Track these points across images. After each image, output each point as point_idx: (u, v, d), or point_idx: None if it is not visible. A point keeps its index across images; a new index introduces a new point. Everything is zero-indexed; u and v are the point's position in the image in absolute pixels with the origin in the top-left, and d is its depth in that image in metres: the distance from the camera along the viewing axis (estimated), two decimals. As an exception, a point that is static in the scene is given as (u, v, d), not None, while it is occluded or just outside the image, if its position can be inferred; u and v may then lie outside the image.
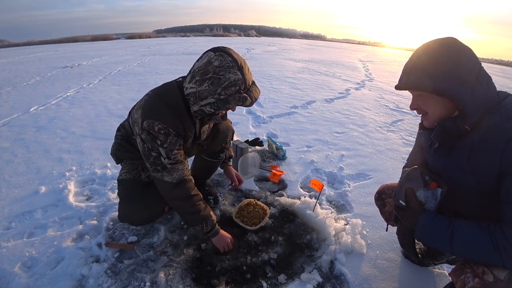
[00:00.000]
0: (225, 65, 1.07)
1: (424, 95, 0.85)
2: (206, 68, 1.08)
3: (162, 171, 1.19)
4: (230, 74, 1.07)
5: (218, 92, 1.08)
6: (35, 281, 1.20)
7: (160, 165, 1.18)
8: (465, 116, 0.80)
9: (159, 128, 1.14)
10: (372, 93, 5.07)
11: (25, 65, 8.09)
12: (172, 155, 1.19)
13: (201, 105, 1.13)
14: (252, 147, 2.43)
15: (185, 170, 1.24)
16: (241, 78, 1.08)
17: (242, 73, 1.09)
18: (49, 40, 22.22)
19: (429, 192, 0.88)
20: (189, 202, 1.24)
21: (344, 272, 1.28)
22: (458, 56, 0.79)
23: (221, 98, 1.09)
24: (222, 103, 1.09)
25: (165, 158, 1.18)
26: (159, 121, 1.14)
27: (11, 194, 1.82)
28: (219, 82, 1.07)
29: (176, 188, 1.21)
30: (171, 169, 1.19)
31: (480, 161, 0.79)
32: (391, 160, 2.40)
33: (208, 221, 1.30)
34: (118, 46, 14.30)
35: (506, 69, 14.75)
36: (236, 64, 1.08)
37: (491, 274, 0.75)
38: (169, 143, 1.17)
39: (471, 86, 0.78)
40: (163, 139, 1.16)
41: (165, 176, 1.20)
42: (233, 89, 1.08)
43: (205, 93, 1.10)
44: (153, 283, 1.19)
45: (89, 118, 3.27)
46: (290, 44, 17.85)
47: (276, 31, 62.74)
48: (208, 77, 1.08)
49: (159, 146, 1.17)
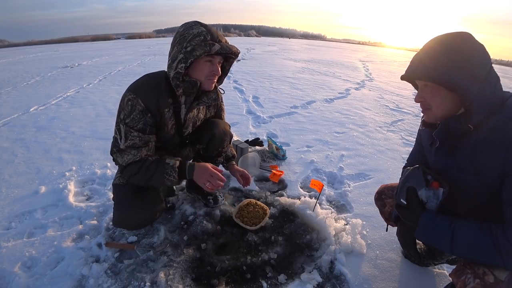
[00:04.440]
0: (188, 26, 1.15)
1: (432, 87, 0.82)
2: (174, 37, 1.16)
3: (116, 152, 1.21)
4: (193, 30, 1.13)
5: (184, 46, 1.12)
6: (35, 281, 1.20)
7: (116, 148, 1.21)
8: (469, 114, 0.78)
9: (128, 99, 1.16)
10: (372, 93, 5.07)
11: (25, 65, 8.09)
12: (131, 136, 1.16)
13: (174, 68, 1.15)
14: (252, 147, 2.43)
15: (139, 155, 1.19)
16: (204, 30, 1.13)
17: (206, 28, 1.15)
18: (49, 40, 22.25)
19: (430, 192, 0.88)
20: (138, 174, 1.21)
21: (344, 272, 1.28)
22: (472, 51, 0.77)
23: (187, 50, 1.12)
24: (189, 54, 1.11)
25: (121, 139, 1.17)
26: (131, 92, 1.17)
27: (11, 194, 1.82)
28: (184, 39, 1.13)
29: (125, 169, 1.23)
30: (124, 152, 1.19)
31: (483, 162, 0.78)
32: (391, 160, 2.40)
33: (167, 169, 1.20)
34: (118, 46, 14.30)
35: (506, 69, 14.74)
36: (198, 23, 1.16)
37: (492, 275, 0.75)
38: (131, 119, 1.15)
39: (479, 83, 0.76)
40: (127, 113, 1.15)
41: (118, 157, 1.22)
42: (198, 39, 1.12)
43: (176, 55, 1.14)
44: (153, 283, 1.19)
45: (89, 118, 3.27)
46: (290, 44, 17.85)
47: (276, 31, 62.73)
48: (176, 42, 1.15)
49: (121, 122, 1.17)
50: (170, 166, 1.21)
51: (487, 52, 0.79)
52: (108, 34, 25.47)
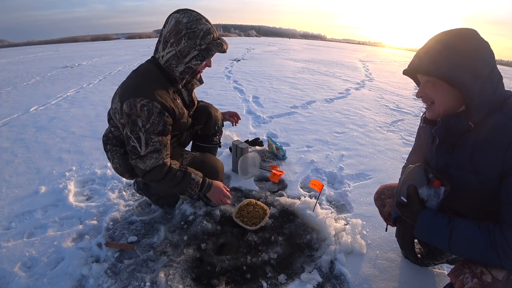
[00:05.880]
0: (193, 19, 1.14)
1: (434, 82, 0.82)
2: (177, 28, 1.13)
3: (136, 159, 1.20)
4: (201, 25, 1.14)
5: (198, 44, 1.14)
6: (35, 281, 1.20)
7: (136, 155, 1.19)
8: (470, 111, 0.78)
9: (142, 105, 1.10)
10: (372, 93, 5.07)
11: (25, 65, 8.09)
12: (152, 142, 1.16)
13: (185, 62, 1.17)
14: (252, 147, 2.43)
15: (161, 158, 1.21)
16: (211, 27, 1.17)
17: (210, 24, 1.18)
18: (49, 40, 22.24)
19: (431, 190, 0.88)
20: (163, 181, 1.24)
21: (344, 272, 1.28)
22: (476, 48, 0.77)
23: (202, 48, 1.15)
24: (205, 52, 1.16)
25: (142, 147, 1.16)
26: (141, 96, 1.11)
27: (11, 194, 1.82)
28: (195, 35, 1.13)
29: (148, 173, 1.22)
30: (145, 157, 1.19)
31: (483, 161, 0.78)
32: (391, 160, 2.40)
33: (192, 184, 1.30)
34: (118, 46, 14.30)
35: (506, 69, 14.74)
36: (202, 16, 1.17)
37: (490, 274, 0.75)
38: (151, 124, 1.13)
39: (481, 80, 0.76)
40: (145, 118, 1.11)
41: (138, 163, 1.21)
42: (210, 37, 1.16)
43: (186, 49, 1.15)
44: (153, 283, 1.19)
45: (89, 118, 3.27)
46: (290, 44, 17.85)
47: (276, 31, 62.71)
48: (182, 35, 1.13)
49: (139, 130, 1.13)
50: (195, 182, 1.30)
51: (492, 50, 0.79)
52: (108, 34, 25.46)
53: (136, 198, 1.77)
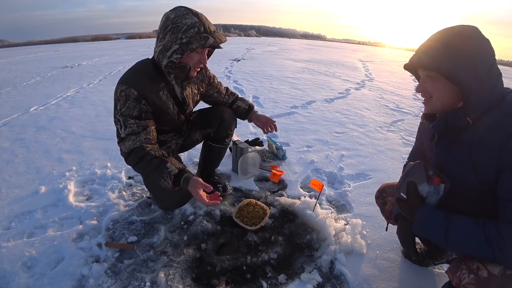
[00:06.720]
0: (180, 14, 1.16)
1: (434, 77, 0.84)
2: (165, 24, 1.17)
3: (119, 142, 1.25)
4: (186, 20, 1.15)
5: (179, 37, 1.15)
6: (35, 281, 1.20)
7: (119, 137, 1.25)
8: (468, 108, 0.79)
9: (121, 90, 1.20)
10: (372, 93, 5.07)
11: (25, 65, 8.09)
12: (128, 124, 1.21)
13: (168, 56, 1.19)
14: (252, 147, 2.43)
15: (138, 140, 1.21)
16: (198, 21, 1.16)
17: (198, 18, 1.17)
18: (49, 40, 22.24)
19: (431, 187, 0.88)
20: (139, 166, 1.24)
21: (344, 272, 1.28)
22: (477, 45, 0.78)
23: (183, 42, 1.15)
24: (185, 46, 1.15)
25: (121, 128, 1.22)
26: (123, 83, 1.21)
27: (11, 194, 1.82)
28: (178, 29, 1.14)
29: (128, 156, 1.25)
30: (125, 139, 1.23)
31: (480, 157, 0.79)
32: (391, 160, 2.40)
33: (165, 174, 1.18)
34: (118, 46, 14.29)
35: (506, 69, 14.73)
36: (190, 11, 1.17)
37: (486, 269, 0.76)
38: (126, 107, 1.20)
39: (480, 77, 0.77)
40: (122, 103, 1.20)
41: (121, 146, 1.25)
42: (193, 31, 1.15)
43: (169, 44, 1.17)
44: (153, 283, 1.19)
45: (89, 118, 3.27)
46: (290, 44, 17.85)
47: (276, 31, 62.73)
48: (168, 30, 1.16)
49: (117, 113, 1.22)
50: (168, 172, 1.19)
51: (492, 47, 0.80)
52: (108, 34, 25.47)
53: (136, 198, 1.77)
